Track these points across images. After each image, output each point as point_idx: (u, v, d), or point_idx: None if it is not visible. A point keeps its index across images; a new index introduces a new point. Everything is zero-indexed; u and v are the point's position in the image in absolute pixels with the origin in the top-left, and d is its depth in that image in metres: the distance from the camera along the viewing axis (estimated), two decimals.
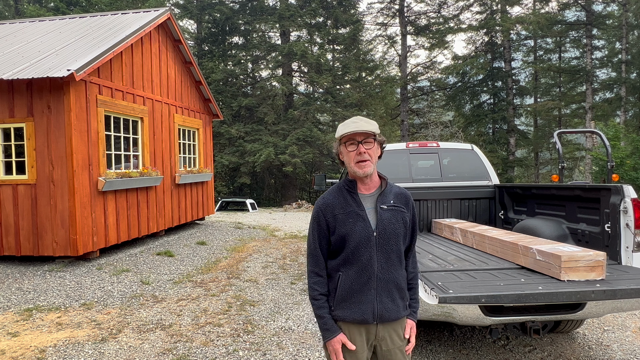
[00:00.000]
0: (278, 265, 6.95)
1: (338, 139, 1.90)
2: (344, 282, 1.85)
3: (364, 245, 1.82)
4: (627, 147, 15.09)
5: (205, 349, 3.78)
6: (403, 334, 1.91)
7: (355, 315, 1.83)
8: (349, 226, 1.83)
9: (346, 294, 1.84)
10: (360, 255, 1.82)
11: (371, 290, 1.83)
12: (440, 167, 5.50)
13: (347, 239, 1.83)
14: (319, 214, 1.90)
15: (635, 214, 3.15)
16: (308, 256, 1.94)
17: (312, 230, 1.92)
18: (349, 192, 1.89)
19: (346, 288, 1.84)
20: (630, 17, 20.54)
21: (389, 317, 1.85)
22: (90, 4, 21.03)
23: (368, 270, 1.82)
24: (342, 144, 1.88)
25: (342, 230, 1.84)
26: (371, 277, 1.83)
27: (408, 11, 25.01)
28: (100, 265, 6.50)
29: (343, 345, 1.84)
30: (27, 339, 3.99)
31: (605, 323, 4.40)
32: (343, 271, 1.86)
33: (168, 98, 9.24)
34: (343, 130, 1.85)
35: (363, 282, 1.83)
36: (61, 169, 6.31)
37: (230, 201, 18.41)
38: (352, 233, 1.82)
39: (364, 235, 1.82)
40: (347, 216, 1.84)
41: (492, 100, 25.17)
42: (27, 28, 9.60)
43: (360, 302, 1.83)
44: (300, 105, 21.99)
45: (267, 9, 22.30)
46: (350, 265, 1.84)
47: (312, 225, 1.92)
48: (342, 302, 1.85)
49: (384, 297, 1.84)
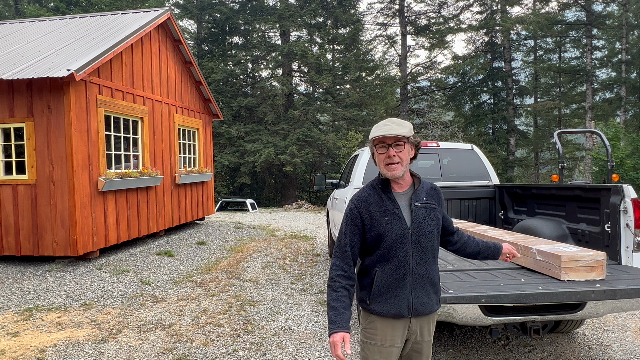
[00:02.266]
0: (278, 265, 6.95)
1: (370, 140, 1.94)
2: (380, 278, 1.91)
3: (400, 243, 1.88)
4: (627, 147, 15.08)
5: (205, 349, 3.78)
6: (432, 329, 2.02)
7: (391, 309, 1.90)
8: (385, 224, 1.88)
9: (382, 289, 1.91)
10: (397, 252, 1.88)
11: (407, 286, 1.90)
12: (440, 167, 5.50)
13: (383, 237, 1.88)
14: (355, 210, 1.93)
15: (635, 214, 3.15)
16: (336, 249, 1.96)
17: (345, 226, 1.94)
18: (384, 191, 1.94)
19: (382, 283, 1.90)
20: (630, 17, 20.53)
21: (423, 312, 1.93)
22: (90, 4, 21.03)
23: (404, 266, 1.89)
24: (374, 146, 1.93)
25: (379, 229, 1.89)
26: (407, 273, 1.89)
27: (408, 11, 25.01)
28: (100, 265, 6.50)
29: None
30: (27, 339, 3.99)
31: (605, 323, 4.40)
32: (379, 267, 1.91)
33: (168, 98, 9.24)
34: (374, 133, 1.90)
35: (399, 277, 1.89)
36: (61, 169, 6.31)
37: (230, 201, 18.41)
38: (388, 231, 1.88)
39: (400, 233, 1.88)
40: (383, 214, 1.90)
41: (492, 100, 25.17)
42: (27, 28, 9.60)
43: (396, 297, 1.90)
44: (300, 105, 21.99)
45: (267, 9, 22.30)
46: (387, 262, 1.90)
47: (346, 221, 1.95)
48: (378, 297, 1.91)
49: (418, 292, 1.92)
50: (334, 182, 7.24)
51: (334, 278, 1.91)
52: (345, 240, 1.93)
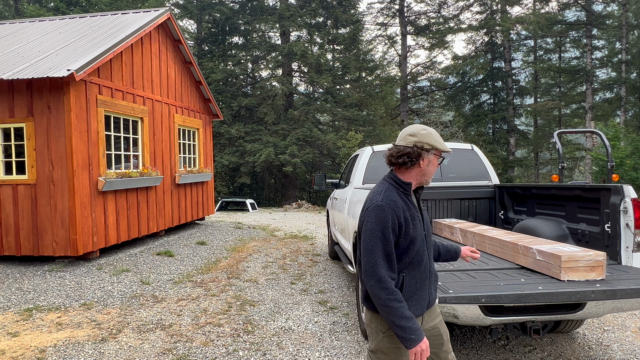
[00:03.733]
0: (278, 265, 6.95)
1: (434, 148, 1.92)
2: (409, 283, 1.89)
3: (423, 246, 1.92)
4: (627, 147, 15.09)
5: (205, 349, 3.78)
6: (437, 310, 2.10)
7: (417, 311, 1.92)
8: (415, 229, 1.88)
9: (411, 293, 1.90)
10: (422, 255, 1.92)
11: (427, 286, 1.96)
12: (440, 167, 5.50)
13: (414, 241, 1.88)
14: (392, 214, 1.83)
15: (635, 214, 3.15)
16: (380, 260, 1.81)
17: (385, 232, 1.82)
18: (406, 194, 1.93)
19: (411, 288, 1.90)
20: (630, 17, 20.54)
21: (433, 302, 2.03)
22: (90, 4, 21.03)
23: (427, 268, 1.95)
24: (435, 155, 1.95)
25: (412, 233, 1.87)
26: (427, 274, 1.96)
27: (408, 11, 25.01)
28: (100, 265, 6.50)
29: None
30: (27, 339, 3.99)
31: (605, 323, 4.40)
32: (406, 272, 1.89)
33: (168, 98, 9.24)
34: (443, 146, 1.93)
35: (424, 279, 1.94)
36: (61, 169, 6.31)
37: (230, 201, 18.41)
38: (417, 236, 1.89)
39: (422, 237, 1.92)
40: (412, 219, 1.89)
41: (492, 100, 25.17)
42: (27, 28, 9.60)
43: (421, 298, 1.94)
44: (300, 105, 21.98)
45: (267, 9, 22.30)
46: (414, 266, 1.90)
47: (384, 225, 1.82)
48: (407, 301, 1.88)
49: (432, 288, 2.01)
50: (334, 182, 7.24)
51: (394, 291, 1.80)
52: (391, 248, 1.83)
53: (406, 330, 1.77)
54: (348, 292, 5.51)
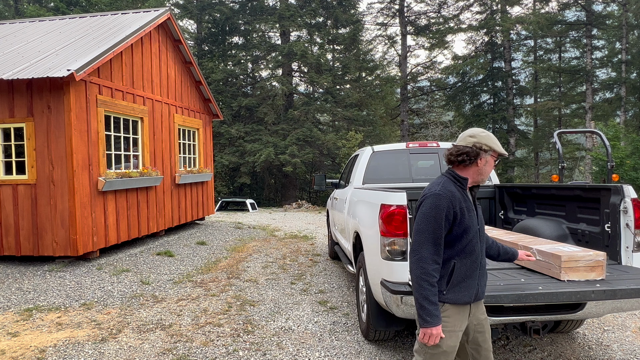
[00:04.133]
0: (278, 265, 6.95)
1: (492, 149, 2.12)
2: (459, 270, 2.09)
3: (476, 238, 2.11)
4: (627, 147, 15.08)
5: (205, 349, 3.78)
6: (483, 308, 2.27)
7: (465, 298, 2.10)
8: (470, 220, 2.09)
9: (460, 279, 2.09)
10: (474, 246, 2.10)
11: (476, 276, 2.14)
12: (441, 167, 5.50)
13: (467, 231, 2.07)
14: (449, 204, 2.04)
15: (635, 214, 3.15)
16: (427, 243, 2.03)
17: (438, 218, 2.03)
18: (462, 189, 2.13)
19: (461, 275, 2.09)
20: (630, 17, 20.53)
21: (481, 296, 2.20)
22: (90, 4, 21.03)
23: (478, 259, 2.13)
24: (492, 156, 2.14)
25: (466, 223, 2.07)
26: (478, 265, 2.14)
27: (408, 11, 25.00)
28: (100, 265, 6.50)
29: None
30: (27, 339, 3.99)
31: (605, 323, 4.40)
32: (457, 259, 2.09)
33: (168, 98, 9.24)
34: (500, 149, 2.13)
35: (474, 269, 2.12)
36: (61, 169, 6.31)
37: (230, 201, 18.40)
38: (471, 226, 2.09)
39: (476, 229, 2.12)
40: (468, 211, 2.10)
41: (492, 100, 25.16)
42: (27, 28, 9.60)
43: (469, 287, 2.11)
44: (300, 105, 21.98)
45: (267, 9, 22.29)
46: (465, 255, 2.09)
47: (438, 213, 2.03)
48: (455, 287, 2.09)
49: (482, 281, 2.18)
50: (334, 182, 7.24)
51: (432, 273, 2.01)
52: (440, 233, 2.03)
53: (426, 311, 1.99)
54: (348, 292, 5.52)
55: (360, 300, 4.17)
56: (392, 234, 3.04)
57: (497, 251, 2.44)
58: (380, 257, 3.13)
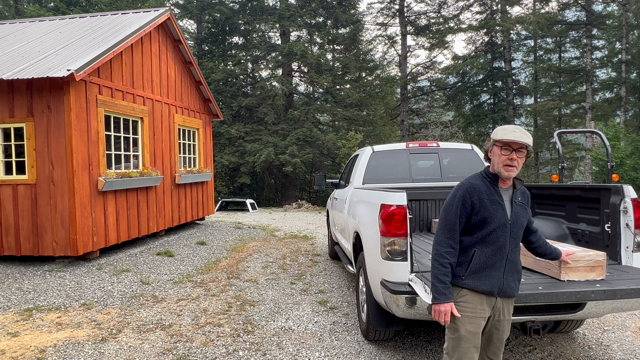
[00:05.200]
0: (278, 265, 6.95)
1: (495, 140, 2.21)
2: (478, 257, 2.19)
3: (501, 230, 2.18)
4: (627, 147, 15.08)
5: (205, 349, 3.78)
6: (511, 310, 2.32)
7: (484, 286, 2.19)
8: (492, 211, 2.18)
9: (480, 267, 2.19)
10: (497, 237, 2.18)
11: (501, 269, 2.21)
12: (440, 167, 5.50)
13: (488, 221, 2.17)
14: (466, 194, 2.21)
15: (635, 214, 3.15)
16: (443, 228, 2.22)
17: (455, 207, 2.21)
18: (492, 184, 2.24)
19: (481, 263, 2.19)
20: (630, 17, 20.52)
21: (509, 294, 2.25)
22: (90, 4, 21.02)
23: (502, 251, 2.20)
24: (497, 146, 2.20)
25: (486, 213, 2.17)
26: (503, 258, 2.20)
27: (408, 11, 25.01)
28: (100, 265, 6.50)
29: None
30: (27, 339, 3.99)
31: (605, 323, 4.40)
32: (478, 248, 2.20)
33: (168, 98, 9.24)
34: (503, 136, 2.17)
35: (496, 260, 2.20)
36: (61, 169, 6.31)
37: (230, 201, 18.40)
38: (493, 217, 2.17)
39: (502, 222, 2.19)
40: (491, 203, 2.19)
41: (492, 100, 25.17)
42: (27, 28, 9.60)
43: (490, 277, 2.19)
44: (300, 105, 21.98)
45: (267, 9, 22.29)
46: (486, 245, 2.19)
47: (457, 202, 2.22)
48: (474, 274, 2.20)
49: (509, 276, 2.23)
50: (334, 182, 7.24)
51: (444, 254, 2.18)
52: (455, 220, 2.20)
53: (436, 288, 2.16)
54: (348, 292, 5.52)
55: (360, 300, 4.17)
56: (392, 234, 3.04)
57: (544, 250, 2.59)
58: (380, 257, 3.13)
